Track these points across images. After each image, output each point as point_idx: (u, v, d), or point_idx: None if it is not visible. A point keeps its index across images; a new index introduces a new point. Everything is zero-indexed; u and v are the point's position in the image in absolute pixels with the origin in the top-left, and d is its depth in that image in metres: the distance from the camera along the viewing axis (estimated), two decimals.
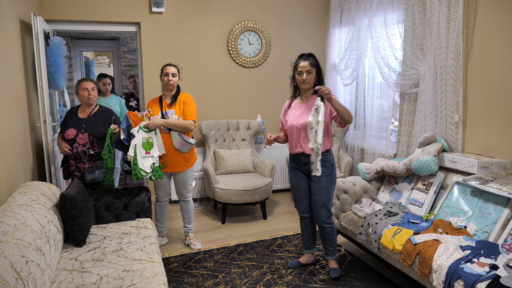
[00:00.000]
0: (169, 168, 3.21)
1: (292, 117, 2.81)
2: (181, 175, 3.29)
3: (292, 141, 2.83)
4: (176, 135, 3.12)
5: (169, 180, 3.38)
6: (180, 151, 3.16)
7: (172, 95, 3.22)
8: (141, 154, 2.98)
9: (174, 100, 3.20)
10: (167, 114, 3.14)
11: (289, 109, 2.89)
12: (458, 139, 3.20)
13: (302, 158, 2.81)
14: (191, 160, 3.30)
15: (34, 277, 1.68)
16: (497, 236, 2.37)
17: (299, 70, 2.73)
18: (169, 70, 3.14)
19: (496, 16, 2.88)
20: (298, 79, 2.77)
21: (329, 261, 3.01)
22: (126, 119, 3.01)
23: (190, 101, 3.22)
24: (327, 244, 2.95)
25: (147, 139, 3.00)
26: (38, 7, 3.97)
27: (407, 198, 3.11)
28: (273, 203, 4.68)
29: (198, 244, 3.42)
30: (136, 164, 2.96)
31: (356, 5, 4.38)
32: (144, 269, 2.13)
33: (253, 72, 4.90)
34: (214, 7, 4.60)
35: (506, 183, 2.50)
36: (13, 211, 2.01)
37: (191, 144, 3.19)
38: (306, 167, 2.81)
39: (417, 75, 3.49)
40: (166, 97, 3.23)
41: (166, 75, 3.14)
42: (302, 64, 2.72)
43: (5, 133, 2.59)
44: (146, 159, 3.00)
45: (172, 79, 3.14)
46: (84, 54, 7.02)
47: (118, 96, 4.90)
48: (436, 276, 2.22)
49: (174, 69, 3.17)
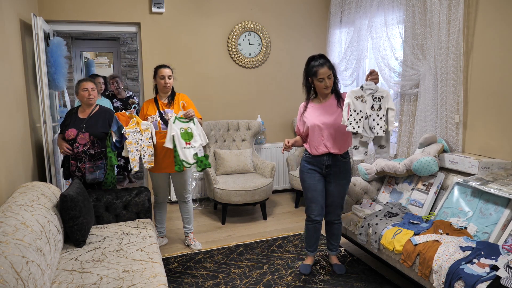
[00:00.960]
0: (168, 169, 3.21)
1: (313, 117, 2.77)
2: (180, 176, 3.29)
3: (314, 141, 2.78)
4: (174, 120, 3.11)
5: (168, 181, 3.37)
6: None
7: (168, 96, 3.23)
8: (181, 145, 2.98)
9: (171, 100, 3.20)
10: (166, 113, 3.14)
11: (306, 110, 2.84)
12: (459, 139, 3.20)
13: (325, 160, 2.78)
14: None
15: (34, 277, 1.68)
16: (498, 237, 2.36)
17: (320, 77, 2.68)
18: (165, 73, 3.13)
19: (496, 16, 2.88)
20: (319, 86, 2.72)
21: (331, 257, 3.06)
22: (115, 121, 3.00)
23: (190, 101, 3.27)
24: (333, 240, 3.01)
25: (185, 130, 3.00)
26: (38, 7, 3.97)
27: (408, 199, 3.11)
28: (273, 203, 4.68)
29: (198, 245, 3.42)
30: (176, 156, 2.97)
31: (356, 6, 4.38)
32: (144, 269, 2.13)
33: (253, 72, 4.89)
34: (214, 8, 4.60)
35: (506, 184, 2.50)
36: (13, 211, 2.01)
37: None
38: (328, 169, 2.80)
39: (417, 75, 3.49)
40: (161, 97, 3.23)
41: (163, 78, 3.13)
42: (322, 70, 2.66)
43: (5, 134, 2.59)
44: (188, 149, 3.00)
45: (168, 82, 3.15)
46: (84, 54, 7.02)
47: (107, 99, 4.89)
48: (436, 277, 2.22)
49: (169, 71, 3.16)
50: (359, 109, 2.60)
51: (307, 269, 2.98)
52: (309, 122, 2.77)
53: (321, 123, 2.73)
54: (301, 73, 2.89)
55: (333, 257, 3.07)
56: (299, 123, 2.91)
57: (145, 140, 3.02)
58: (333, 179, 2.82)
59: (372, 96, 2.62)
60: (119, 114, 3.05)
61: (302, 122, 2.87)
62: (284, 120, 5.06)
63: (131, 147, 2.98)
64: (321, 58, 2.71)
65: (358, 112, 2.60)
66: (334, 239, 3.02)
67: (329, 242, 3.05)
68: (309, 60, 2.76)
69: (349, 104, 2.58)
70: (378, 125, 2.65)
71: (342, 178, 2.82)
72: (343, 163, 2.80)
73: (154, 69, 3.20)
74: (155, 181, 3.31)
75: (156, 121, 3.13)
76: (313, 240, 2.98)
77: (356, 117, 2.60)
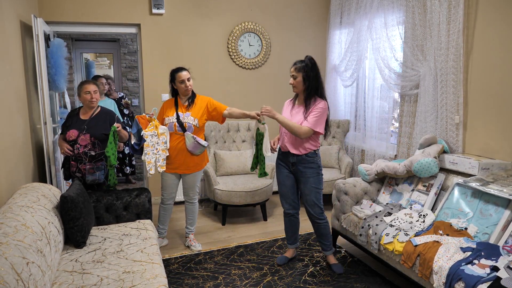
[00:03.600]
0: (179, 169, 3.20)
1: (285, 115, 2.91)
2: (191, 177, 3.28)
3: (281, 139, 2.95)
4: (190, 137, 3.11)
5: (177, 183, 3.36)
6: (192, 153, 3.16)
7: (188, 98, 3.22)
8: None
9: (191, 103, 3.20)
10: (183, 116, 3.15)
11: (286, 106, 2.99)
12: (459, 140, 3.20)
13: (290, 158, 2.89)
14: (202, 163, 3.30)
15: (34, 278, 1.68)
16: (498, 238, 2.36)
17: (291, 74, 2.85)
18: (184, 77, 3.12)
19: (496, 17, 2.89)
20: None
21: (328, 257, 3.09)
22: (136, 123, 3.04)
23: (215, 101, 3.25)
24: (323, 239, 3.03)
25: (260, 130, 2.96)
26: (39, 8, 3.98)
27: (408, 200, 3.11)
28: (273, 204, 4.68)
29: (198, 246, 3.42)
30: (261, 154, 3.01)
31: (356, 7, 4.38)
32: (144, 270, 2.13)
33: (253, 73, 4.90)
34: (214, 9, 4.61)
35: (506, 185, 2.50)
36: (13, 212, 2.01)
37: (204, 147, 3.18)
38: (294, 167, 2.89)
39: (417, 76, 3.49)
40: (182, 100, 3.23)
41: (183, 83, 3.12)
42: (291, 68, 2.83)
43: (5, 135, 2.59)
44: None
45: (189, 85, 3.15)
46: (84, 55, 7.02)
47: (112, 99, 4.89)
48: (436, 278, 2.22)
49: (187, 73, 3.15)
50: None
51: (282, 260, 3.12)
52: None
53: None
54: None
55: (330, 256, 3.09)
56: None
57: (161, 144, 3.08)
58: (300, 177, 2.90)
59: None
60: (139, 117, 3.11)
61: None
62: None
63: (148, 150, 3.04)
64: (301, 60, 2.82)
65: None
66: (324, 239, 3.03)
67: (320, 242, 3.07)
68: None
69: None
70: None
71: (308, 176, 2.86)
72: (308, 162, 2.84)
73: (171, 74, 3.18)
74: (164, 180, 3.30)
75: (172, 123, 3.13)
76: (290, 233, 3.13)
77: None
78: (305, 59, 2.80)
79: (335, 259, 3.10)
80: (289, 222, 3.10)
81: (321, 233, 3.01)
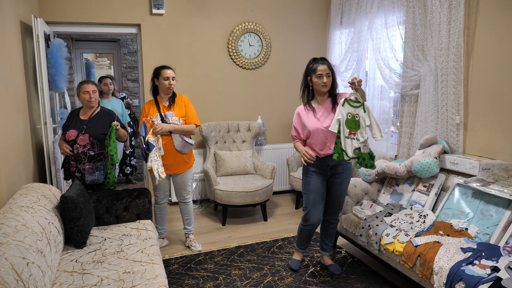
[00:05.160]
0: (169, 170, 3.21)
1: (313, 121, 2.77)
2: (181, 177, 3.29)
3: (318, 144, 2.77)
4: (178, 137, 3.14)
5: (169, 182, 3.39)
6: (181, 152, 3.19)
7: (169, 97, 3.23)
8: (345, 133, 2.60)
9: (172, 102, 3.21)
10: (167, 117, 3.15)
11: (305, 114, 2.83)
12: (459, 140, 3.19)
13: (330, 161, 2.79)
14: (190, 161, 3.32)
15: (34, 279, 1.68)
16: (499, 238, 2.36)
17: (318, 73, 2.70)
18: (169, 74, 3.14)
19: (497, 17, 2.89)
20: (317, 82, 2.73)
21: (324, 258, 3.09)
22: (144, 126, 3.05)
23: (190, 104, 3.27)
24: (328, 240, 3.04)
25: (353, 116, 2.55)
26: (39, 9, 3.98)
27: (408, 200, 3.11)
28: (274, 204, 4.67)
29: (198, 246, 3.41)
30: (337, 143, 2.60)
31: (357, 7, 4.38)
32: (144, 271, 2.12)
33: (254, 73, 4.90)
34: (214, 9, 4.60)
35: (507, 185, 2.49)
36: (13, 212, 2.01)
37: (191, 145, 3.22)
38: (332, 170, 2.81)
39: (418, 76, 3.49)
40: (163, 99, 3.23)
41: (167, 79, 3.13)
42: (321, 67, 2.71)
43: (5, 135, 2.59)
44: (350, 140, 2.59)
45: (172, 83, 3.16)
46: (84, 56, 7.02)
47: (119, 99, 4.90)
48: (437, 278, 2.21)
49: (172, 72, 3.17)
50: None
51: (297, 265, 3.06)
52: (311, 127, 2.76)
53: (323, 127, 2.73)
54: (301, 74, 2.90)
55: (327, 257, 3.09)
56: (299, 127, 2.87)
57: (157, 150, 3.09)
58: (337, 179, 2.84)
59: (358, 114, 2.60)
60: (147, 121, 3.12)
61: (301, 126, 2.85)
62: (284, 122, 5.06)
63: (152, 157, 3.06)
64: (322, 59, 2.77)
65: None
66: (329, 240, 3.05)
67: (323, 242, 3.06)
68: (311, 60, 2.81)
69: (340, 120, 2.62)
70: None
71: (345, 177, 2.85)
72: (346, 162, 2.82)
73: (156, 70, 3.19)
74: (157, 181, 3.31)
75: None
76: (306, 240, 3.04)
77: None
78: (324, 58, 2.78)
79: (331, 260, 3.10)
80: (308, 232, 2.94)
81: (330, 233, 3.02)
